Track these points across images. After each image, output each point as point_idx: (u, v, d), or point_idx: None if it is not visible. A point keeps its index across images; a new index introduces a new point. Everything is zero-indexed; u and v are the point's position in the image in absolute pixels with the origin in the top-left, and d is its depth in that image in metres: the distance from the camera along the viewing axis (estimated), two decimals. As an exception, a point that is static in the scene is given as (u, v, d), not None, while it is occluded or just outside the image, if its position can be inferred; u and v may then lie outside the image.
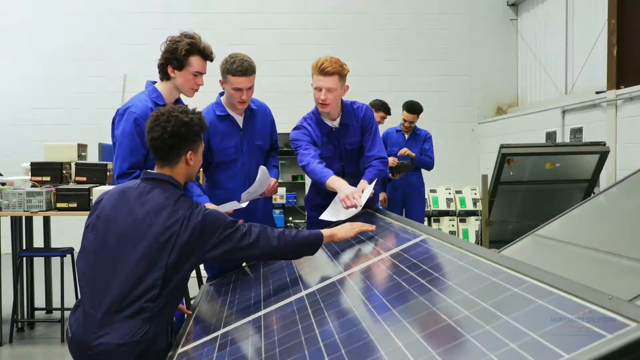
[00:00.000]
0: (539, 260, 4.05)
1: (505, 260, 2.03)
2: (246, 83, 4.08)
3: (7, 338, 5.88)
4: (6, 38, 11.59)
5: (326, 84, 4.07)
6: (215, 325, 3.02)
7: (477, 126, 12.06)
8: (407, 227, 3.25)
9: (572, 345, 1.35)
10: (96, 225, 2.86)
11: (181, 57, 3.67)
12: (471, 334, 1.64)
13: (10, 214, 5.59)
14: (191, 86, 3.78)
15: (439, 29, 12.00)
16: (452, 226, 11.48)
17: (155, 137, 2.83)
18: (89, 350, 2.70)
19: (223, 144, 4.24)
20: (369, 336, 1.96)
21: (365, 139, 4.38)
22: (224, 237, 2.81)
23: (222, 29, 11.62)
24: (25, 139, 10.93)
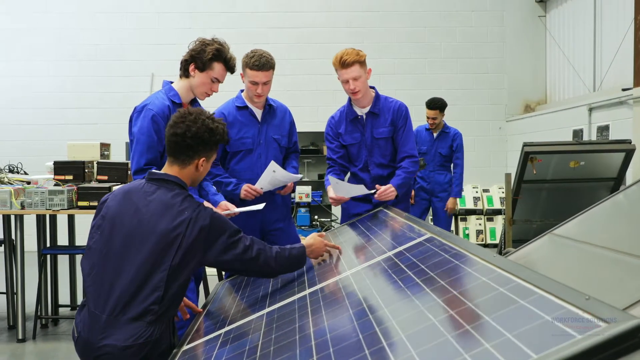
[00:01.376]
0: (552, 259, 4.02)
1: (497, 261, 2.02)
2: (262, 77, 4.22)
3: (30, 334, 5.98)
4: (37, 40, 11.74)
5: (351, 74, 4.28)
6: (221, 322, 3.04)
7: (505, 124, 11.95)
8: (414, 226, 3.24)
9: (542, 345, 1.35)
10: (101, 225, 2.88)
11: (206, 59, 3.72)
12: (451, 333, 1.64)
13: (33, 212, 5.67)
14: (206, 90, 3.82)
15: (466, 27, 11.91)
16: (479, 225, 11.39)
17: (178, 133, 2.84)
18: (94, 351, 2.73)
19: (240, 133, 4.38)
20: (358, 335, 1.96)
21: (399, 134, 4.46)
22: (228, 244, 2.82)
23: (246, 28, 11.67)
24: (54, 139, 11.07)
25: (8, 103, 11.65)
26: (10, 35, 11.73)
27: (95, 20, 11.78)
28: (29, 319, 6.22)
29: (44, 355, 5.53)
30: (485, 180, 11.70)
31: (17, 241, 5.83)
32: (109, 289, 2.74)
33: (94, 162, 6.16)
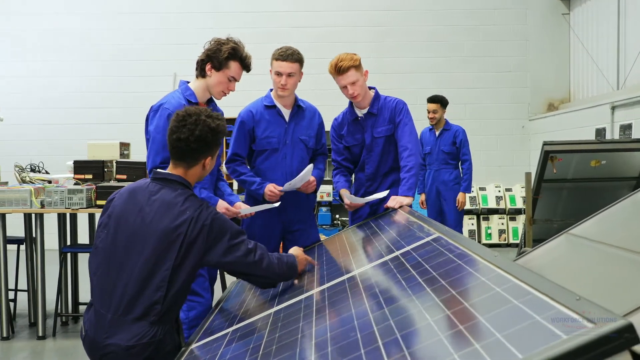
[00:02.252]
0: (568, 259, 3.99)
1: (498, 261, 2.02)
2: (286, 68, 4.23)
3: (50, 331, 6.05)
4: (61, 41, 11.88)
5: (348, 80, 4.31)
6: (230, 320, 3.06)
7: (528, 123, 11.86)
8: (424, 226, 3.23)
9: (529, 346, 1.34)
10: (107, 224, 2.89)
11: (222, 58, 3.74)
12: (444, 333, 1.64)
13: (52, 210, 5.74)
14: (223, 89, 3.83)
15: (489, 25, 11.84)
16: (502, 224, 11.33)
17: (181, 138, 2.82)
18: (100, 350, 2.75)
19: (267, 132, 4.38)
20: (357, 335, 1.96)
21: (397, 129, 4.46)
22: (229, 246, 2.81)
23: (269, 27, 11.71)
24: (77, 138, 11.17)
25: (33, 103, 11.80)
26: (36, 36, 11.88)
27: (118, 21, 11.88)
28: (50, 316, 6.30)
29: (63, 352, 5.58)
30: (507, 179, 11.63)
31: (38, 239, 5.90)
32: (113, 289, 2.75)
33: (113, 161, 6.21)
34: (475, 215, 11.41)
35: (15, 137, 11.40)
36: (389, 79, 11.42)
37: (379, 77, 11.41)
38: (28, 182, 6.32)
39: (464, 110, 11.80)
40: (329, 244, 4.17)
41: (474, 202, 11.38)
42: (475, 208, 11.36)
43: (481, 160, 11.81)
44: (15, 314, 6.63)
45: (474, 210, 11.36)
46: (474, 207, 11.36)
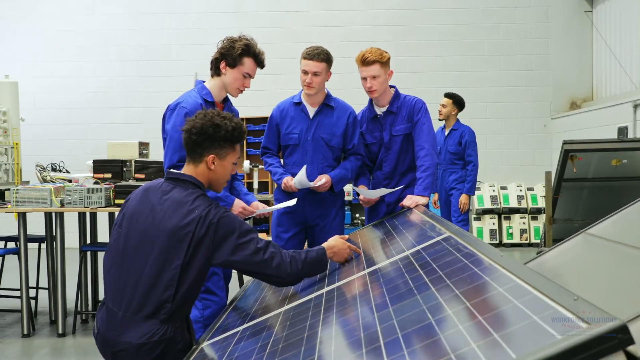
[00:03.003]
0: (584, 259, 3.96)
1: (503, 261, 2.01)
2: (312, 67, 4.30)
3: (70, 329, 6.11)
4: (83, 41, 11.99)
5: (369, 73, 4.34)
6: (242, 319, 3.07)
7: (550, 122, 11.78)
8: (436, 225, 3.23)
9: (524, 346, 1.34)
10: (121, 223, 2.93)
11: (236, 55, 3.76)
12: (444, 333, 1.64)
13: (72, 209, 5.80)
14: (238, 86, 3.84)
15: (510, 23, 11.78)
16: (523, 224, 11.26)
17: (185, 129, 2.89)
18: (112, 347, 2.79)
19: (290, 128, 4.49)
20: (360, 334, 1.97)
21: (415, 128, 4.47)
22: (237, 244, 2.80)
23: (290, 27, 11.75)
24: (100, 138, 11.25)
25: (57, 103, 11.92)
26: (60, 37, 12.00)
27: (141, 21, 11.97)
28: (70, 314, 6.37)
29: (82, 349, 5.64)
30: (529, 178, 11.56)
31: (58, 238, 5.96)
32: (124, 287, 2.79)
33: (132, 160, 6.26)
34: (497, 214, 11.35)
35: (37, 136, 11.51)
36: (408, 78, 11.40)
37: (399, 76, 11.33)
38: (49, 182, 6.39)
39: (485, 109, 11.75)
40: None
41: (495, 202, 11.32)
42: (497, 207, 11.30)
43: (502, 160, 11.76)
44: (36, 312, 6.72)
45: (495, 209, 11.30)
46: (495, 206, 11.30)
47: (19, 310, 6.10)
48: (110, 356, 2.85)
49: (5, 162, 6.75)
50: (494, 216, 11.34)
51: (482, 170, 11.58)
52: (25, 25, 12.03)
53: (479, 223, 11.35)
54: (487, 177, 11.72)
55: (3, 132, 6.75)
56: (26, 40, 12.04)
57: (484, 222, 11.33)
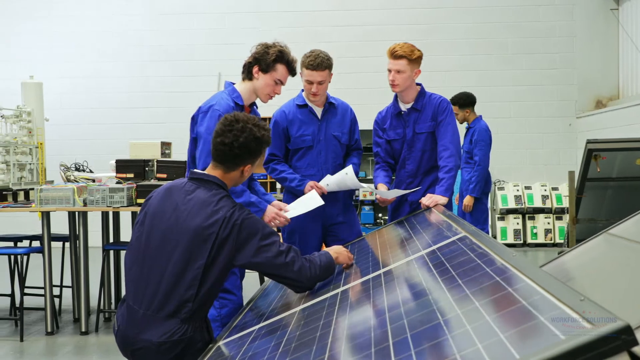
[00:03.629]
0: (605, 260, 3.93)
1: (514, 261, 2.00)
2: (317, 77, 4.28)
3: (93, 327, 6.18)
4: (107, 42, 12.09)
5: (395, 66, 4.34)
6: (259, 318, 3.08)
7: (575, 120, 11.67)
8: (452, 225, 3.22)
9: (528, 346, 1.34)
10: (143, 221, 2.95)
11: (270, 61, 3.76)
12: (452, 333, 1.64)
13: (94, 209, 5.86)
14: (269, 92, 3.84)
15: (534, 21, 11.68)
16: (548, 224, 11.17)
17: (226, 142, 2.87)
18: (132, 345, 2.82)
19: (301, 131, 4.45)
20: (370, 334, 1.97)
21: (439, 127, 4.45)
22: (259, 246, 2.81)
23: (311, 26, 11.75)
24: (123, 138, 11.34)
25: (82, 103, 12.04)
26: (86, 38, 12.11)
27: (163, 22, 12.05)
28: (94, 312, 6.43)
29: (105, 347, 5.69)
30: (554, 178, 11.47)
31: (81, 237, 6.02)
32: (146, 285, 2.81)
33: (154, 160, 6.31)
34: (521, 214, 11.27)
35: (62, 136, 11.61)
36: (431, 77, 11.33)
37: (422, 75, 11.34)
38: (73, 181, 6.46)
39: (509, 108, 11.68)
40: (365, 241, 4.19)
41: (520, 201, 11.24)
42: (521, 207, 11.22)
43: (527, 159, 11.69)
44: (60, 310, 6.79)
45: (519, 209, 11.22)
46: (520, 206, 11.22)
47: (43, 308, 6.17)
48: (129, 354, 2.88)
49: (30, 162, 6.82)
50: (518, 216, 11.26)
51: (506, 170, 11.59)
52: (51, 26, 12.16)
53: (502, 223, 11.28)
54: (511, 177, 11.66)
55: (27, 132, 6.84)
56: (52, 41, 12.16)
57: (508, 222, 11.26)
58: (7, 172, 6.51)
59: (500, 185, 11.54)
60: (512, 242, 11.14)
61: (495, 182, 11.57)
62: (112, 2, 12.13)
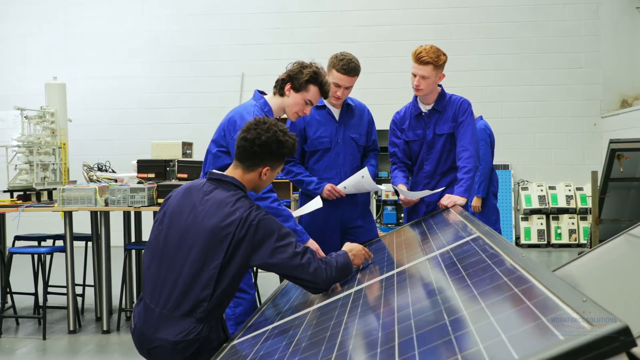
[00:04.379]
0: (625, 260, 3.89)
1: (523, 261, 2.00)
2: (346, 82, 4.26)
3: (115, 326, 6.23)
4: (130, 43, 12.18)
5: (420, 72, 4.29)
6: (273, 317, 3.09)
7: (600, 120, 11.56)
8: (467, 225, 3.21)
9: (528, 347, 1.33)
10: (162, 220, 2.97)
11: (303, 81, 3.73)
12: (456, 333, 1.63)
13: (115, 209, 5.91)
14: (297, 110, 3.80)
15: (558, 20, 11.59)
16: (572, 224, 11.07)
17: (248, 138, 2.89)
18: (148, 343, 2.84)
19: (318, 132, 4.42)
20: (378, 334, 1.98)
21: (459, 128, 4.42)
22: (275, 247, 2.82)
23: (334, 26, 11.76)
24: (146, 138, 11.41)
25: (106, 104, 12.15)
26: (110, 39, 12.22)
27: (188, 22, 12.12)
28: (116, 311, 6.49)
29: (126, 346, 5.73)
30: (578, 178, 11.37)
31: (102, 237, 6.08)
32: (163, 284, 2.83)
33: (175, 160, 6.35)
34: (545, 214, 11.19)
35: (87, 136, 11.72)
36: (455, 77, 11.31)
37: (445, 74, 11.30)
38: (95, 181, 6.52)
39: (534, 107, 11.60)
40: (382, 242, 4.19)
41: (543, 202, 11.16)
42: (545, 207, 11.14)
43: (551, 159, 11.60)
44: (83, 309, 6.86)
45: (543, 209, 11.14)
46: (543, 206, 11.14)
47: (66, 307, 6.24)
48: (146, 352, 2.91)
49: (53, 162, 6.90)
50: (541, 216, 11.18)
51: (530, 170, 11.52)
52: (76, 27, 12.28)
53: (526, 223, 11.21)
54: (535, 177, 11.58)
55: (51, 132, 6.91)
56: (77, 42, 12.29)
57: (531, 222, 11.19)
58: (31, 172, 6.59)
59: (524, 186, 11.46)
60: (536, 243, 11.06)
61: (519, 182, 11.51)
62: (135, 3, 12.22)
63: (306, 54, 4.34)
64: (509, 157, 11.54)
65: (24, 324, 6.57)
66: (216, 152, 3.73)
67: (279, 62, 4.33)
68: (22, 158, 6.67)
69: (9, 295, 6.65)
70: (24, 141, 6.65)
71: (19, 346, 5.84)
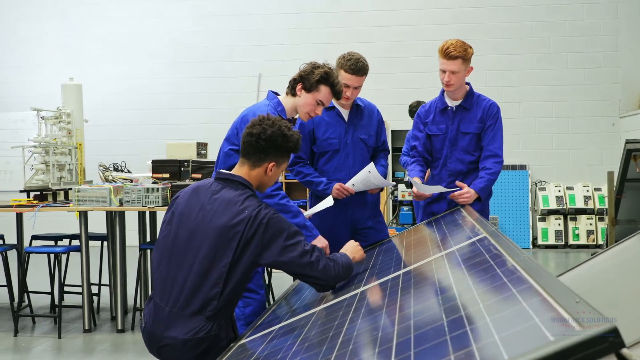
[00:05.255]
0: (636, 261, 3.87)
1: (524, 262, 2.00)
2: (354, 82, 4.25)
3: (129, 325, 6.27)
4: (149, 43, 12.24)
5: (449, 67, 4.26)
6: (281, 317, 3.11)
7: (619, 120, 11.46)
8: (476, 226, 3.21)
9: (518, 347, 1.34)
10: (171, 220, 3.01)
11: (314, 81, 3.76)
12: (451, 334, 1.64)
13: (130, 209, 5.95)
14: (309, 111, 3.82)
15: (577, 20, 11.50)
16: (590, 225, 10.98)
17: (254, 133, 2.93)
18: (158, 342, 2.87)
19: (327, 134, 4.41)
20: (378, 334, 1.98)
21: (486, 132, 4.39)
22: (285, 246, 2.84)
23: (352, 27, 11.75)
24: (164, 138, 11.45)
25: (124, 104, 12.21)
26: (130, 40, 12.28)
27: (206, 23, 12.15)
28: (131, 310, 6.54)
29: (140, 345, 5.74)
30: (596, 178, 11.27)
31: (117, 236, 6.12)
32: (172, 283, 2.86)
33: (189, 160, 6.38)
34: (562, 215, 11.11)
35: (105, 137, 11.78)
36: (472, 77, 11.26)
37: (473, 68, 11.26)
38: (111, 181, 6.57)
39: (551, 107, 11.52)
40: (392, 243, 4.19)
41: (561, 202, 11.09)
42: (562, 208, 11.06)
43: (569, 159, 11.52)
44: (99, 308, 6.92)
45: (560, 210, 11.06)
46: (561, 207, 11.06)
47: (81, 306, 6.29)
48: (155, 351, 2.94)
49: (69, 162, 6.96)
50: (559, 217, 11.10)
51: (547, 170, 11.45)
52: (95, 29, 12.36)
53: (544, 224, 11.14)
54: (553, 177, 11.50)
55: (67, 133, 6.97)
56: (95, 43, 12.36)
57: (549, 222, 11.12)
58: (47, 173, 6.65)
59: (542, 186, 11.39)
60: (554, 244, 10.99)
61: (536, 183, 11.44)
62: (154, 4, 12.28)
63: (323, 55, 4.34)
64: (526, 158, 11.47)
65: (40, 322, 6.63)
66: (228, 150, 3.76)
67: (296, 62, 4.31)
68: (38, 158, 6.73)
69: (26, 294, 6.72)
70: (40, 142, 6.71)
71: (35, 344, 5.90)
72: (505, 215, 11.28)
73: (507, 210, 11.30)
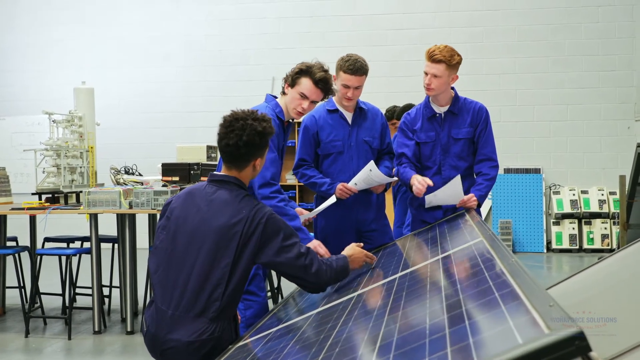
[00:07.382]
0: None
1: (512, 267, 2.00)
2: (354, 82, 4.24)
3: (139, 327, 6.30)
4: (163, 47, 12.29)
5: (431, 70, 4.21)
6: (278, 320, 3.13)
7: (634, 124, 11.37)
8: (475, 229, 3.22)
9: (490, 350, 1.34)
10: (167, 226, 3.01)
11: (293, 74, 3.83)
12: (430, 337, 1.65)
13: (139, 211, 5.99)
14: (295, 106, 3.86)
15: (592, 22, 11.43)
16: (605, 229, 10.91)
17: (231, 144, 2.93)
18: (161, 345, 2.89)
19: (331, 136, 4.42)
20: (365, 336, 2.00)
21: (479, 135, 4.37)
22: (281, 246, 2.86)
23: (365, 30, 11.75)
24: (177, 142, 11.51)
25: (141, 107, 12.25)
26: (145, 43, 12.34)
27: (220, 27, 12.19)
28: (141, 312, 6.57)
29: (148, 347, 5.80)
30: (611, 182, 11.16)
31: (127, 239, 6.17)
32: (173, 287, 2.88)
33: (199, 163, 6.41)
34: (577, 219, 11.04)
35: (118, 140, 11.84)
36: (486, 80, 11.28)
37: (476, 77, 11.25)
38: (122, 184, 6.61)
39: (566, 111, 11.46)
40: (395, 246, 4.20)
41: (575, 206, 11.01)
42: (577, 212, 10.99)
43: (584, 163, 11.44)
44: (109, 310, 6.96)
45: (575, 214, 10.99)
46: (575, 210, 10.99)
47: (92, 308, 6.33)
48: (159, 354, 2.95)
49: (81, 165, 7.01)
50: (573, 221, 11.04)
51: (562, 174, 11.39)
52: (109, 32, 12.44)
53: (558, 228, 11.07)
54: (567, 181, 11.43)
55: (79, 136, 7.02)
56: (110, 46, 12.43)
57: (563, 226, 11.05)
58: (58, 175, 6.71)
59: (556, 190, 11.33)
60: (568, 248, 10.93)
61: (551, 186, 11.37)
62: (170, 8, 12.35)
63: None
64: (540, 161, 11.42)
65: (51, 324, 6.68)
66: None
67: (309, 66, 4.33)
68: (50, 161, 6.79)
69: (38, 296, 6.78)
70: (52, 145, 6.77)
71: (45, 346, 5.95)
72: (519, 218, 11.22)
73: (521, 213, 11.25)
